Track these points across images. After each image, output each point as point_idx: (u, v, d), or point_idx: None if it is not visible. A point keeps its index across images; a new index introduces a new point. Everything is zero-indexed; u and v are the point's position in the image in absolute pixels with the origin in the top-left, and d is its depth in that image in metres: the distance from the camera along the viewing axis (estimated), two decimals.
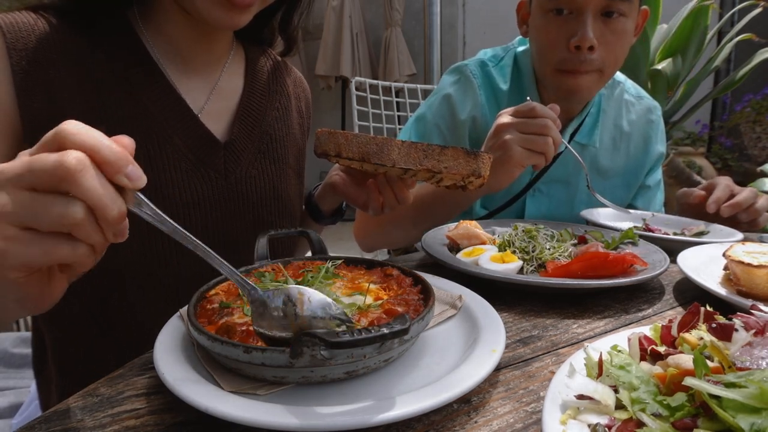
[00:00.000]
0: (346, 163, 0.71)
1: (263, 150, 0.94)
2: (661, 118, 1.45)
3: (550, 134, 0.96)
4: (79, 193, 0.40)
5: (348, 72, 5.20)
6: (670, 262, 0.83)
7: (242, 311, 0.54)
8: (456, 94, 1.28)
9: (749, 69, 2.78)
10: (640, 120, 1.41)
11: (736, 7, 3.42)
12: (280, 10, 1.00)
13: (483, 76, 1.29)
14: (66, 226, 0.41)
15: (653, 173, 1.47)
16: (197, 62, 0.90)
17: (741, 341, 0.45)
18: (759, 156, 4.18)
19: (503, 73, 1.29)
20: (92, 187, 0.40)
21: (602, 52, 1.10)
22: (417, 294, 0.59)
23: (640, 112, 1.41)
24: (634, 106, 1.40)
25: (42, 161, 0.40)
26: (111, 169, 0.42)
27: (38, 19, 0.78)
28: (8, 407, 1.16)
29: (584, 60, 1.09)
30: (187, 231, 0.49)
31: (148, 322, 0.79)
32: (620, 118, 1.38)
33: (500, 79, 1.28)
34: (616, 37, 1.10)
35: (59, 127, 0.42)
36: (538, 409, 0.48)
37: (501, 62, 1.31)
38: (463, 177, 0.70)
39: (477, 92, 1.27)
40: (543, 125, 0.96)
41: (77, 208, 0.41)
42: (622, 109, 1.39)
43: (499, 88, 1.28)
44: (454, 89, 1.29)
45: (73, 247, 0.42)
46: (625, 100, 1.39)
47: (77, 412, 0.47)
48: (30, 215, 0.41)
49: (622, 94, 1.39)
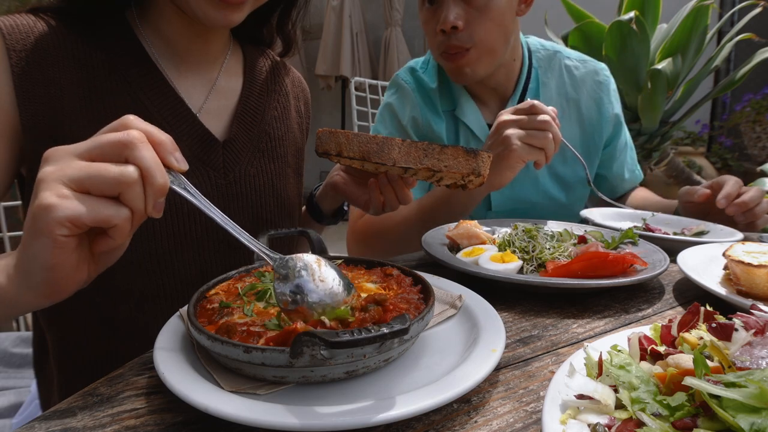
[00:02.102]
0: (347, 163, 0.71)
1: (262, 149, 0.94)
2: (610, 78, 1.43)
3: (550, 129, 0.98)
4: (137, 159, 0.48)
5: (348, 72, 5.20)
6: (670, 262, 0.83)
7: (242, 311, 0.54)
8: (395, 102, 1.39)
9: (749, 69, 2.78)
10: (587, 83, 1.39)
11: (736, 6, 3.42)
12: (278, 10, 1.00)
13: (414, 81, 1.38)
14: (120, 185, 0.47)
15: (617, 138, 1.44)
16: (194, 61, 0.90)
17: (741, 341, 0.45)
18: (759, 156, 4.18)
19: (430, 74, 1.38)
20: (148, 156, 0.49)
21: (469, 30, 1.17)
22: (417, 294, 0.59)
23: (586, 75, 1.40)
24: (578, 69, 1.40)
25: (108, 135, 0.49)
26: (164, 150, 0.51)
27: (37, 20, 0.78)
28: (8, 407, 1.16)
29: (453, 42, 1.18)
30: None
31: (148, 323, 0.79)
32: (563, 85, 1.38)
33: (429, 80, 1.37)
34: (480, 14, 1.17)
35: (123, 117, 0.51)
36: (538, 409, 0.48)
37: (428, 65, 1.40)
38: (462, 176, 0.70)
39: (411, 96, 1.35)
40: (543, 121, 0.98)
41: (132, 169, 0.48)
42: (563, 76, 1.39)
43: (429, 87, 1.36)
44: (393, 99, 1.40)
45: (118, 209, 0.48)
46: (566, 66, 1.39)
47: (77, 412, 0.47)
48: (88, 177, 0.47)
49: (561, 61, 1.39)
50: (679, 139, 4.25)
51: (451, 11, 1.15)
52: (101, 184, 0.47)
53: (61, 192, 0.46)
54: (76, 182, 0.47)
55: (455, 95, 1.36)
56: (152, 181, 0.48)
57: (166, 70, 0.85)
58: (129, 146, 0.48)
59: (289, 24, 1.02)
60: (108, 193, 0.48)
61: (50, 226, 0.46)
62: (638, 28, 2.45)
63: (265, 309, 0.55)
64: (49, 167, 0.48)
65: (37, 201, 0.46)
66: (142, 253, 0.79)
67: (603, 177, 1.48)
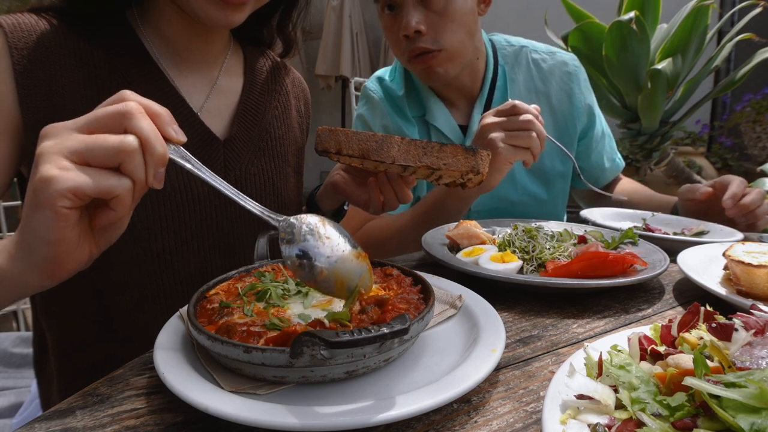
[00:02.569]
0: (347, 161, 0.71)
1: (263, 148, 0.95)
2: (580, 69, 1.42)
3: (533, 128, 0.98)
4: (135, 128, 0.48)
5: (348, 72, 5.20)
6: (670, 262, 0.83)
7: (242, 311, 0.54)
8: (366, 113, 1.40)
9: (749, 69, 2.77)
10: (555, 74, 1.38)
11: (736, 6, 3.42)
12: (278, 11, 1.00)
13: (382, 90, 1.39)
14: (120, 154, 0.47)
15: (592, 128, 1.43)
16: (194, 60, 0.90)
17: (741, 341, 0.45)
18: (759, 156, 4.17)
19: (397, 82, 1.39)
20: (147, 125, 0.49)
21: (433, 34, 1.18)
22: (417, 294, 0.59)
23: (554, 67, 1.39)
24: (546, 62, 1.39)
25: (106, 108, 0.49)
26: (162, 121, 0.51)
27: (39, 19, 0.78)
28: (8, 407, 1.16)
29: (416, 46, 1.19)
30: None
31: (148, 323, 0.79)
32: (531, 80, 1.38)
33: (396, 87, 1.39)
34: (440, 17, 1.17)
35: (119, 92, 0.51)
36: (538, 409, 0.48)
37: (395, 73, 1.41)
38: (462, 174, 0.70)
39: (380, 105, 1.37)
40: (526, 120, 0.98)
41: (131, 138, 0.48)
42: (531, 70, 1.38)
43: (397, 95, 1.38)
44: (364, 110, 1.42)
45: (119, 180, 0.48)
46: (533, 59, 1.39)
47: (77, 412, 0.47)
48: (87, 148, 0.47)
49: (528, 55, 1.39)
50: (679, 139, 4.24)
51: (412, 16, 1.16)
52: (101, 155, 0.47)
53: (61, 164, 0.46)
54: (77, 154, 0.47)
55: (423, 100, 1.36)
56: (152, 150, 0.48)
57: (167, 69, 0.86)
58: (127, 116, 0.48)
59: (289, 25, 1.03)
60: (108, 163, 0.48)
61: (52, 199, 0.46)
62: (638, 28, 2.44)
63: (265, 309, 0.55)
64: (49, 141, 0.48)
65: (38, 174, 0.46)
66: (143, 253, 0.80)
67: (582, 168, 1.45)
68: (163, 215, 0.81)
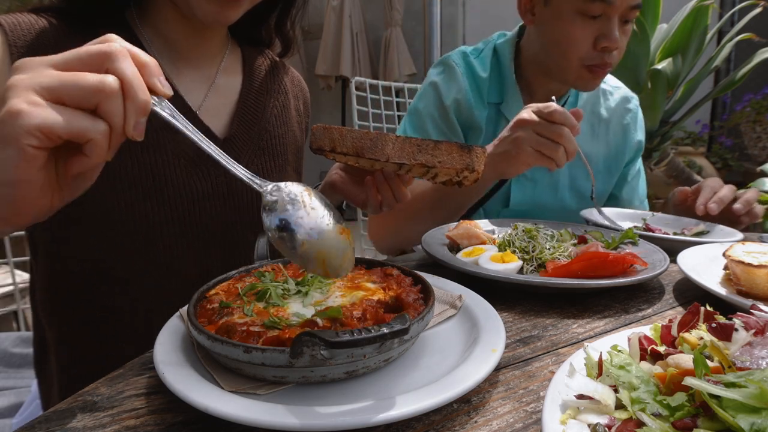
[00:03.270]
0: (342, 159, 0.71)
1: (262, 147, 0.95)
2: (639, 108, 1.49)
3: (562, 143, 0.97)
4: (117, 70, 0.44)
5: (348, 72, 5.19)
6: (670, 262, 0.83)
7: (242, 311, 0.54)
8: (441, 82, 1.36)
9: (749, 69, 2.77)
10: (618, 108, 1.44)
11: (736, 6, 3.42)
12: (276, 10, 1.01)
13: (465, 65, 1.36)
14: (98, 94, 0.44)
15: (633, 163, 1.49)
16: (192, 58, 0.90)
17: (741, 341, 0.45)
18: (759, 156, 4.17)
19: (483, 63, 1.36)
20: (130, 69, 0.45)
21: (618, 51, 1.21)
22: (417, 294, 0.59)
23: (618, 101, 1.45)
24: (612, 95, 1.45)
25: (88, 47, 0.46)
26: (148, 71, 0.47)
27: (39, 19, 0.79)
28: (8, 407, 1.16)
29: (607, 59, 1.19)
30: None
31: (149, 323, 0.79)
32: (598, 105, 1.42)
33: (480, 68, 1.36)
34: (624, 39, 1.21)
35: (105, 35, 0.48)
36: (538, 409, 0.48)
37: (481, 54, 1.39)
38: (457, 171, 0.70)
39: (460, 78, 1.34)
40: (558, 133, 0.97)
41: (112, 79, 0.44)
42: (599, 97, 1.42)
43: (479, 75, 1.35)
44: (439, 78, 1.37)
45: (94, 122, 0.44)
46: (602, 89, 1.43)
47: (77, 412, 0.47)
48: (62, 85, 0.43)
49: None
50: (679, 139, 4.24)
51: (618, 30, 1.17)
52: (77, 94, 0.44)
53: (32, 99, 0.42)
54: (50, 91, 0.43)
55: (504, 89, 1.35)
56: (133, 95, 0.45)
57: (166, 69, 0.86)
58: (110, 57, 0.45)
59: (287, 24, 1.03)
60: (84, 104, 0.44)
61: (18, 135, 0.42)
62: (638, 28, 2.44)
63: (265, 309, 0.55)
64: (21, 75, 0.44)
65: (6, 107, 0.42)
66: (143, 253, 0.80)
67: (615, 197, 1.50)
68: (164, 215, 0.81)
